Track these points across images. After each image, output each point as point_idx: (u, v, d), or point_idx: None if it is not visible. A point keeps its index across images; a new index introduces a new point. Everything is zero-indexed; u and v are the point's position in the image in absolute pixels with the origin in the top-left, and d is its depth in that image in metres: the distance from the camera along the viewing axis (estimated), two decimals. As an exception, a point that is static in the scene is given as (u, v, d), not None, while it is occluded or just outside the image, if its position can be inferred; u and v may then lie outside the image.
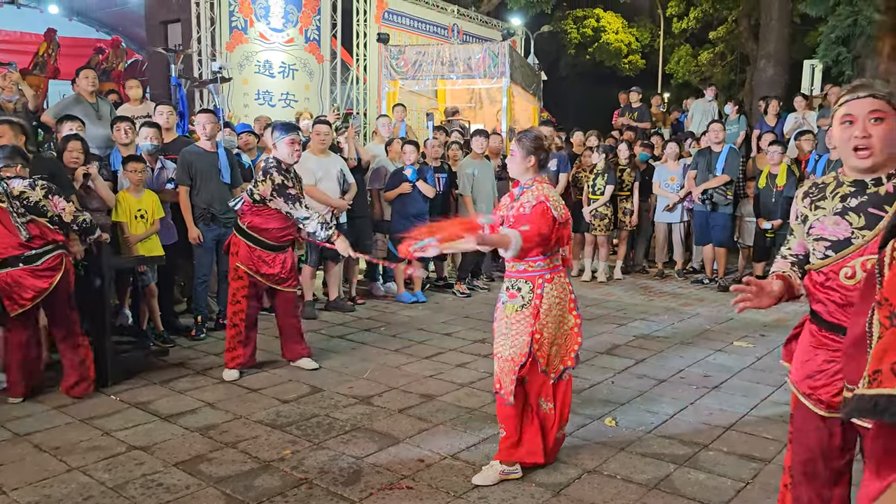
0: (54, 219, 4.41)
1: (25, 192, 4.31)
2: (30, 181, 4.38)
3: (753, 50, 16.97)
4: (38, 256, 4.32)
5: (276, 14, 10.83)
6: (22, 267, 4.27)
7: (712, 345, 5.84)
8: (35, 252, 4.31)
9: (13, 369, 4.43)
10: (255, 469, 3.47)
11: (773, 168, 7.85)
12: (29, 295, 4.29)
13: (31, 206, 4.31)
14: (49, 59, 13.02)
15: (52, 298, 4.41)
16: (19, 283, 4.26)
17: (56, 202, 4.41)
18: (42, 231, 4.34)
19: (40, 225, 4.34)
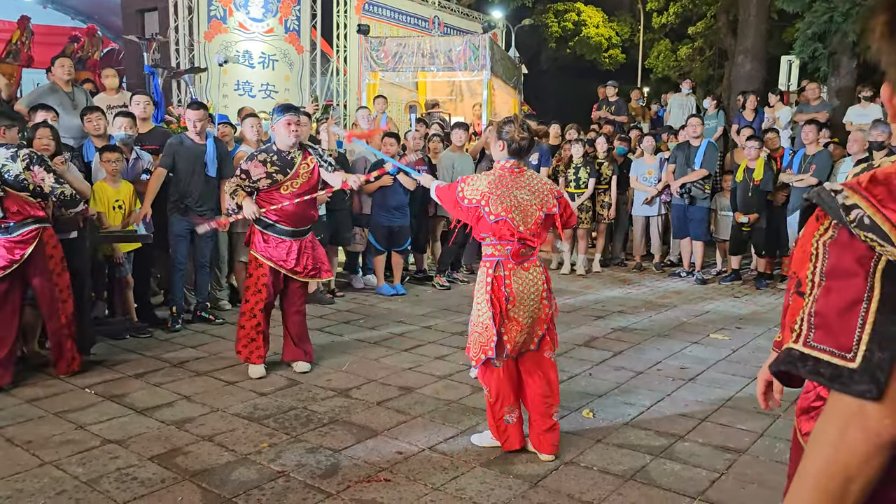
0: (36, 191, 4.42)
1: (7, 166, 4.33)
2: (13, 151, 4.39)
3: (732, 45, 17.08)
4: (15, 229, 4.41)
5: (256, 4, 10.72)
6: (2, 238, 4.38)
7: (689, 337, 5.89)
8: (11, 224, 4.39)
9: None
10: (231, 462, 3.44)
11: (751, 163, 7.92)
12: (2, 264, 4.38)
13: (10, 180, 4.34)
14: (22, 46, 12.79)
15: (30, 273, 4.50)
16: None
17: (36, 172, 4.42)
18: (21, 206, 4.39)
19: (19, 200, 4.38)
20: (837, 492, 1.00)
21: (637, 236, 9.34)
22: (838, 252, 1.04)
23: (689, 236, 8.50)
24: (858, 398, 0.98)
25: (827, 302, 1.04)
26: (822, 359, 1.02)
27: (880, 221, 0.99)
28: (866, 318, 0.99)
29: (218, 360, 5.14)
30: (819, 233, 1.09)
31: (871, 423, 0.97)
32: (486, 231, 3.46)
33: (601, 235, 9.26)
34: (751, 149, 7.93)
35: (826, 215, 1.08)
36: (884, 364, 0.96)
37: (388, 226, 7.36)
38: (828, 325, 1.02)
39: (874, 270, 1.00)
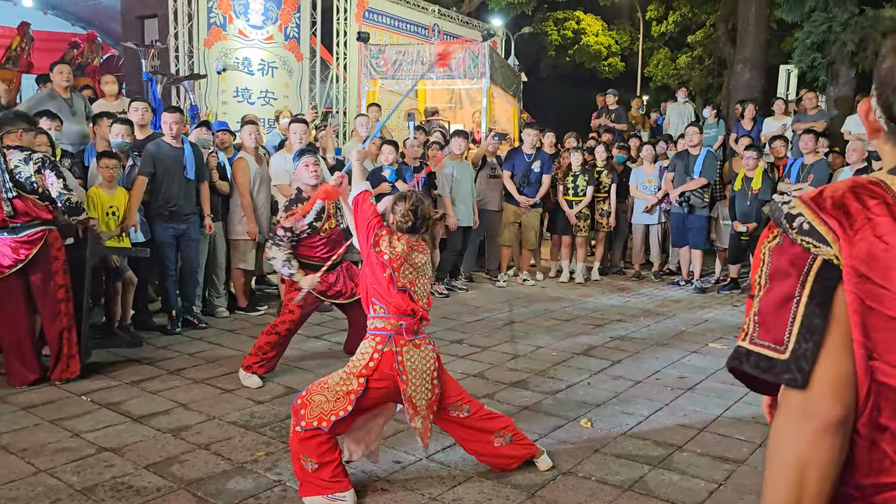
0: (44, 193, 4.53)
1: (19, 167, 4.44)
2: (27, 154, 4.51)
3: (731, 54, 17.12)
4: (22, 229, 4.50)
5: (256, 11, 10.74)
6: (5, 236, 4.47)
7: (688, 346, 5.88)
8: (20, 225, 4.47)
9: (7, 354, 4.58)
10: (227, 471, 3.42)
11: (749, 172, 7.92)
12: (7, 262, 4.47)
13: (21, 181, 4.45)
14: (22, 53, 12.80)
15: (32, 274, 4.57)
16: (0, 250, 4.46)
17: (46, 176, 4.51)
18: (29, 207, 4.49)
19: (28, 201, 4.48)
20: (797, 479, 1.08)
21: (636, 245, 9.34)
22: (778, 255, 1.15)
23: (688, 245, 8.50)
24: (786, 386, 1.10)
25: (766, 301, 1.15)
26: (762, 353, 1.12)
27: (818, 225, 1.09)
28: (797, 313, 1.09)
29: (215, 367, 5.12)
30: (768, 240, 1.20)
31: (809, 408, 1.07)
32: (384, 297, 3.16)
33: (600, 244, 9.25)
34: (749, 158, 7.93)
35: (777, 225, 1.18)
36: (808, 353, 1.07)
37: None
38: (766, 322, 1.13)
39: (808, 270, 1.09)
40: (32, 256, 4.53)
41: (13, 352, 4.60)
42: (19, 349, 4.61)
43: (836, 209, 1.09)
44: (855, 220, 1.08)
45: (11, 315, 4.60)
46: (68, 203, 4.58)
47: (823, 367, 1.06)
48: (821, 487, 1.09)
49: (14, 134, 4.55)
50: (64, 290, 4.69)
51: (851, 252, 1.06)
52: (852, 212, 1.08)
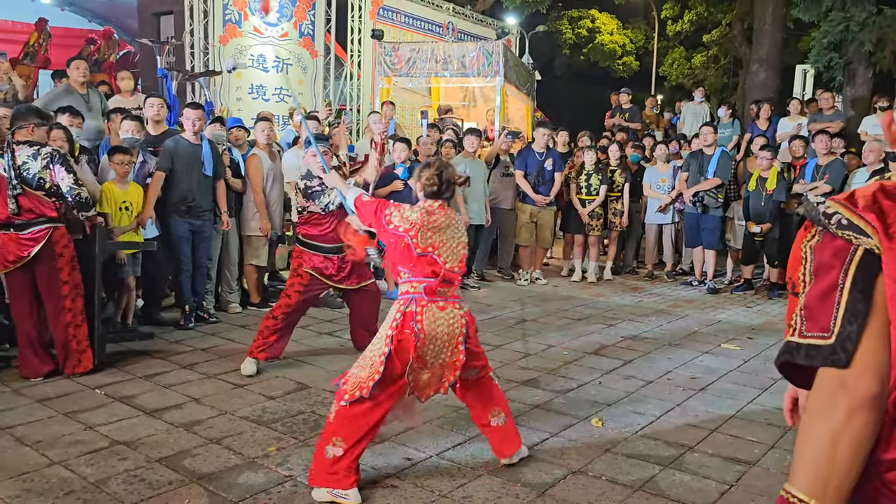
0: (51, 190, 4.53)
1: (27, 164, 4.47)
2: (36, 149, 4.53)
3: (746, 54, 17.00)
4: (27, 226, 4.53)
5: (271, 8, 10.78)
6: (11, 232, 4.51)
7: (700, 347, 5.85)
8: (25, 222, 4.51)
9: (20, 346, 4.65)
10: (239, 465, 3.44)
11: (763, 172, 7.87)
12: (11, 258, 4.53)
13: (28, 177, 4.47)
14: (40, 48, 12.87)
15: (37, 271, 4.60)
16: (6, 246, 4.51)
17: (55, 171, 4.53)
18: (34, 204, 4.51)
19: (34, 198, 4.50)
20: (830, 452, 1.14)
21: (649, 244, 9.30)
22: (821, 251, 1.21)
23: (701, 245, 8.46)
24: (830, 365, 1.15)
25: (812, 294, 1.20)
26: (812, 343, 1.17)
27: (856, 220, 1.16)
28: (841, 300, 1.15)
29: (227, 362, 5.14)
30: (807, 239, 1.27)
31: (847, 384, 1.13)
32: (406, 265, 3.24)
33: (613, 243, 9.22)
34: (763, 158, 7.88)
35: (812, 224, 1.25)
36: (852, 335, 1.13)
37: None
38: (813, 315, 1.19)
39: (850, 260, 1.16)
40: (36, 253, 4.55)
41: (26, 344, 4.65)
42: (31, 342, 4.66)
43: (870, 207, 1.16)
44: (888, 215, 1.14)
45: (21, 309, 4.68)
46: (78, 198, 4.61)
47: (864, 348, 1.13)
48: (851, 463, 1.14)
49: (26, 129, 4.57)
50: (69, 287, 4.68)
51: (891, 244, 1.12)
52: (885, 209, 1.15)
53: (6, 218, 4.47)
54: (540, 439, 3.84)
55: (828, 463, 1.14)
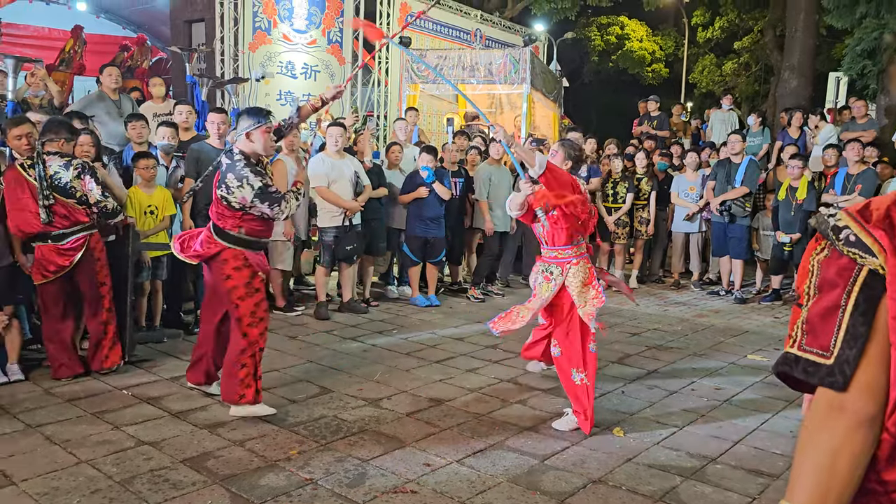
0: (82, 199, 4.72)
1: (59, 174, 4.63)
2: (67, 160, 4.70)
3: (778, 61, 16.85)
4: (64, 236, 4.69)
5: (300, 15, 10.91)
6: (50, 243, 4.67)
7: (725, 357, 5.79)
8: (61, 232, 4.67)
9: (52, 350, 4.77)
10: (261, 468, 3.48)
11: (794, 181, 7.77)
12: (52, 268, 4.69)
13: (60, 187, 4.62)
14: (75, 55, 13.17)
15: (77, 275, 4.77)
16: (46, 257, 4.68)
17: (86, 182, 4.71)
18: (69, 212, 4.68)
19: (68, 206, 4.68)
20: (829, 467, 1.15)
21: (676, 253, 9.23)
22: (826, 267, 1.22)
23: (728, 254, 8.37)
24: (828, 388, 1.17)
25: (815, 310, 1.21)
26: (810, 359, 1.19)
27: (864, 237, 1.15)
28: (842, 322, 1.16)
29: (252, 365, 5.19)
30: (816, 252, 1.27)
31: (845, 406, 1.15)
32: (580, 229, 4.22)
33: (639, 251, 9.16)
34: (794, 167, 7.79)
35: (823, 237, 1.24)
36: (850, 359, 1.15)
37: (424, 237, 7.38)
38: (814, 330, 1.20)
39: (854, 280, 1.16)
40: (76, 262, 4.73)
41: (59, 348, 4.77)
42: (64, 346, 4.79)
43: (882, 222, 1.14)
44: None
45: (57, 315, 4.81)
46: (104, 209, 4.79)
47: (863, 372, 1.14)
48: (850, 476, 1.16)
49: (56, 142, 4.70)
50: (106, 288, 4.91)
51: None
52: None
53: (42, 229, 4.62)
54: (561, 448, 3.83)
55: (827, 478, 1.16)
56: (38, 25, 14.15)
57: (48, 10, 14.01)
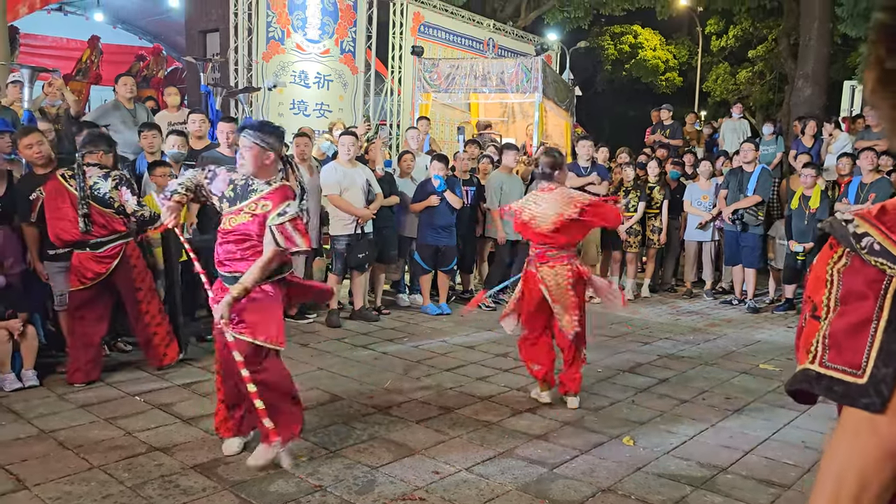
0: (119, 209, 4.94)
1: (98, 184, 4.84)
2: (105, 171, 4.93)
3: (792, 69, 16.77)
4: (102, 244, 4.88)
5: (313, 25, 10.99)
6: (88, 251, 4.85)
7: (737, 366, 5.76)
8: (99, 240, 4.86)
9: (74, 354, 4.87)
10: (271, 474, 3.50)
11: (807, 190, 7.74)
12: (89, 275, 4.85)
13: (99, 197, 4.84)
14: (92, 65, 13.34)
15: (116, 282, 4.96)
16: (84, 264, 4.85)
17: (122, 193, 4.92)
18: (106, 221, 4.88)
19: (105, 216, 4.87)
20: (854, 496, 1.06)
21: (689, 262, 9.19)
22: (851, 278, 1.10)
23: (741, 263, 8.33)
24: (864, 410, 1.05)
25: (840, 324, 1.10)
26: (835, 377, 1.08)
27: (890, 246, 1.05)
28: (875, 337, 1.05)
29: (263, 373, 5.22)
30: (833, 260, 1.15)
31: (880, 429, 1.04)
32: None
33: (651, 260, 9.14)
34: (807, 176, 7.75)
35: (839, 244, 1.13)
36: (887, 378, 1.04)
37: (435, 245, 7.40)
38: (840, 346, 1.09)
39: (885, 292, 1.05)
40: (112, 269, 4.91)
41: (85, 353, 4.85)
42: (89, 351, 4.88)
43: None
44: None
45: (89, 320, 4.94)
46: (142, 217, 5.03)
47: None
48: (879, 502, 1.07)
49: (96, 154, 4.93)
50: (143, 292, 5.08)
51: None
52: None
53: (80, 237, 4.79)
54: (570, 456, 3.82)
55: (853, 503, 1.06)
56: (56, 36, 14.35)
57: (66, 21, 14.22)
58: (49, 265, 5.08)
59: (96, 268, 4.85)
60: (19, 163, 5.55)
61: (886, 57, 0.97)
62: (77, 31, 14.04)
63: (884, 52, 0.98)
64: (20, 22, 11.47)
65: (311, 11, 10.95)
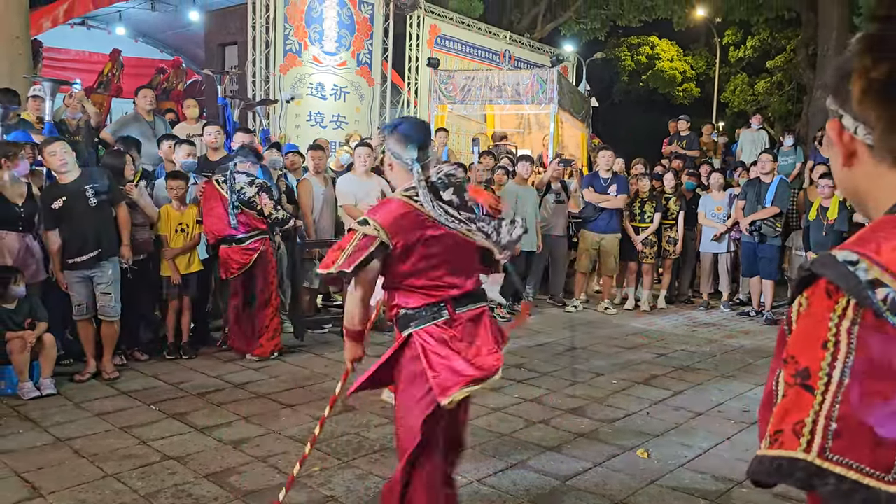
0: (260, 211, 5.67)
1: (244, 189, 5.63)
2: (251, 178, 5.71)
3: (811, 80, 16.67)
4: (245, 239, 5.67)
5: (330, 38, 11.08)
6: (234, 245, 5.66)
7: (754, 379, 5.70)
8: (244, 236, 5.65)
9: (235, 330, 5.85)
10: (283, 484, 3.49)
11: (824, 201, 7.66)
12: (236, 266, 5.67)
13: (244, 199, 5.63)
14: (113, 78, 13.51)
15: (256, 272, 5.73)
16: (231, 257, 5.65)
17: (262, 198, 5.68)
18: (249, 220, 5.67)
19: (249, 216, 5.66)
20: None
21: (705, 273, 9.13)
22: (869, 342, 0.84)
23: (758, 275, 8.26)
24: None
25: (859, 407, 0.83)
26: (849, 477, 0.82)
27: None
28: None
29: (278, 382, 5.25)
30: (837, 315, 0.86)
31: None
32: None
33: (667, 271, 9.09)
34: (824, 187, 7.68)
35: (839, 291, 0.87)
36: None
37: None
38: (859, 436, 0.82)
39: None
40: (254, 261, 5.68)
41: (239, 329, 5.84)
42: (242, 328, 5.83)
43: None
44: None
45: (239, 303, 5.81)
46: (276, 220, 5.78)
47: None
48: None
49: (245, 164, 5.70)
50: (273, 286, 5.85)
51: None
52: None
53: (230, 233, 5.62)
54: (583, 468, 3.80)
55: None
56: (79, 49, 14.53)
57: (89, 35, 14.39)
58: (68, 274, 5.15)
59: (241, 259, 5.63)
60: (40, 173, 5.64)
61: (872, 67, 0.93)
62: (99, 44, 14.20)
63: (870, 62, 0.94)
64: (44, 36, 11.64)
65: (328, 24, 11.04)
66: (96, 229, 5.12)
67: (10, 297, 4.81)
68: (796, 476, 0.84)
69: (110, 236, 5.24)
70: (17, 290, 4.82)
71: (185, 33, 14.39)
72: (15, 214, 5.06)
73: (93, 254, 5.09)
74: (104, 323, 5.23)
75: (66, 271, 5.16)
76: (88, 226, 5.09)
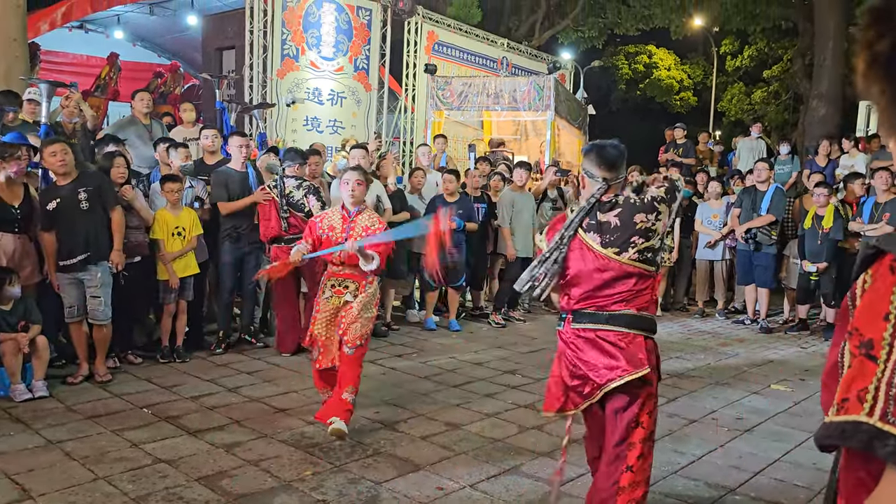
0: (308, 213, 5.83)
1: (292, 192, 5.95)
2: (299, 182, 6.00)
3: (807, 89, 16.72)
4: (294, 240, 5.45)
5: (328, 43, 11.08)
6: (284, 245, 5.80)
7: (748, 387, 5.70)
8: (293, 236, 5.72)
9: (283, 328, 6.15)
10: (274, 488, 3.49)
11: (820, 210, 7.68)
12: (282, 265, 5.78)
13: (293, 202, 5.92)
14: (110, 81, 13.50)
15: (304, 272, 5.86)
16: (281, 257, 5.48)
17: (310, 200, 5.96)
18: (298, 222, 5.87)
19: (297, 218, 5.90)
20: None
21: (700, 281, 9.13)
22: None
23: (754, 283, 8.27)
24: None
25: None
26: None
27: None
28: None
29: (271, 386, 5.24)
30: None
31: None
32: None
33: (662, 279, 9.09)
34: (819, 195, 7.69)
35: None
36: None
37: (444, 262, 7.39)
38: None
39: None
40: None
41: (288, 327, 6.09)
42: (291, 325, 6.07)
43: None
44: None
45: (288, 301, 6.18)
46: None
47: None
48: None
49: (293, 167, 6.00)
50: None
51: None
52: None
53: (280, 234, 5.90)
54: (576, 475, 3.79)
55: None
56: (77, 53, 14.53)
57: (87, 38, 14.39)
58: (60, 276, 5.13)
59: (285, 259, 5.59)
60: (36, 175, 5.62)
61: (876, 40, 0.93)
62: (97, 48, 14.20)
63: (874, 35, 0.93)
64: (41, 39, 11.64)
65: (326, 29, 11.05)
66: (86, 233, 5.09)
67: (5, 298, 4.80)
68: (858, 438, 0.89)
69: (101, 240, 5.19)
70: (12, 292, 4.81)
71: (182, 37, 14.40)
72: (11, 216, 5.05)
73: (81, 257, 5.07)
74: (95, 326, 5.21)
75: (58, 273, 5.15)
76: (79, 229, 5.07)
